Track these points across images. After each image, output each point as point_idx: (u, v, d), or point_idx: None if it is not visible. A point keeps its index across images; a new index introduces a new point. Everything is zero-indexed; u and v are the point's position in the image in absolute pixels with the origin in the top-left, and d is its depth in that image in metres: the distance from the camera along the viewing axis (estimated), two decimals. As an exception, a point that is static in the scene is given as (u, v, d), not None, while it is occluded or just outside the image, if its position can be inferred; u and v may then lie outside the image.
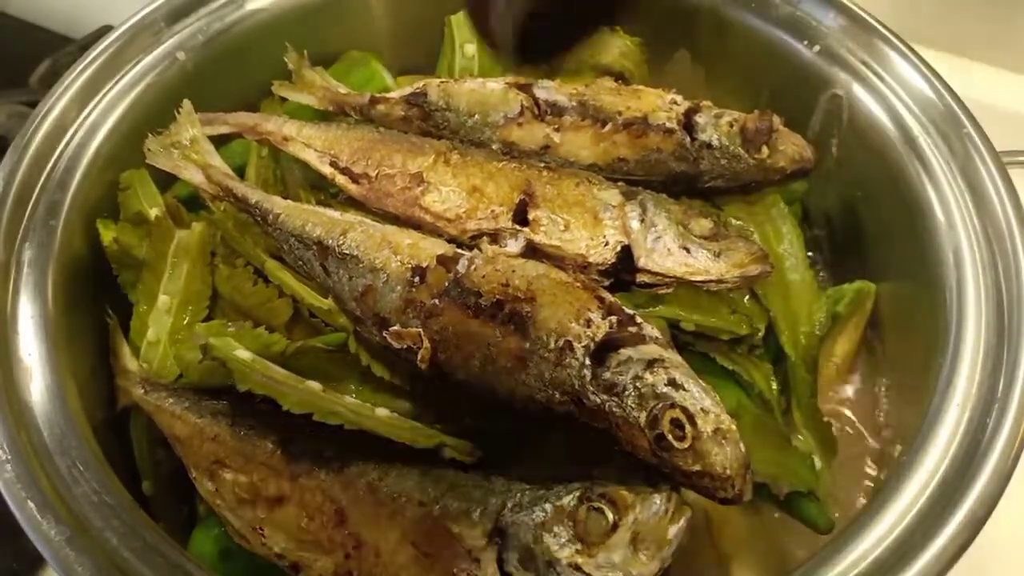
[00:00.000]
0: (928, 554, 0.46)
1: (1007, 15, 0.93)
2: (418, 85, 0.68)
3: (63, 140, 0.62)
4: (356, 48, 0.77)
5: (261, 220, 0.61)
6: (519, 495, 0.49)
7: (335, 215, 0.61)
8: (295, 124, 0.67)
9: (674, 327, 0.59)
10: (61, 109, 0.63)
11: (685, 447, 0.46)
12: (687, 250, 0.57)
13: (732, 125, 0.63)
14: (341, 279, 0.58)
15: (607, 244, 0.58)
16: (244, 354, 0.55)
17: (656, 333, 0.51)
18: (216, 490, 0.55)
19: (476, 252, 0.56)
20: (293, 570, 0.52)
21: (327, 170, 0.65)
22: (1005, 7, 0.93)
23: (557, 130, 0.64)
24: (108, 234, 0.63)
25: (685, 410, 0.46)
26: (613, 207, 0.59)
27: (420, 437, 0.53)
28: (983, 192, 0.58)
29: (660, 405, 0.46)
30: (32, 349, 0.54)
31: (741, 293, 0.62)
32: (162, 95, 0.67)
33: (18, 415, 0.51)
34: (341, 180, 0.65)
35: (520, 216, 0.59)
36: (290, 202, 0.62)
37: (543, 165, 0.63)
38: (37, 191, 0.60)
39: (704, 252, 0.57)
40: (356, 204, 0.65)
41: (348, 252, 0.57)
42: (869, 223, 0.68)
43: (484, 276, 0.53)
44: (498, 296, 0.52)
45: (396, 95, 0.68)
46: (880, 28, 0.66)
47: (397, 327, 0.54)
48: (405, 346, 0.53)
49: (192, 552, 0.56)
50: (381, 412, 0.54)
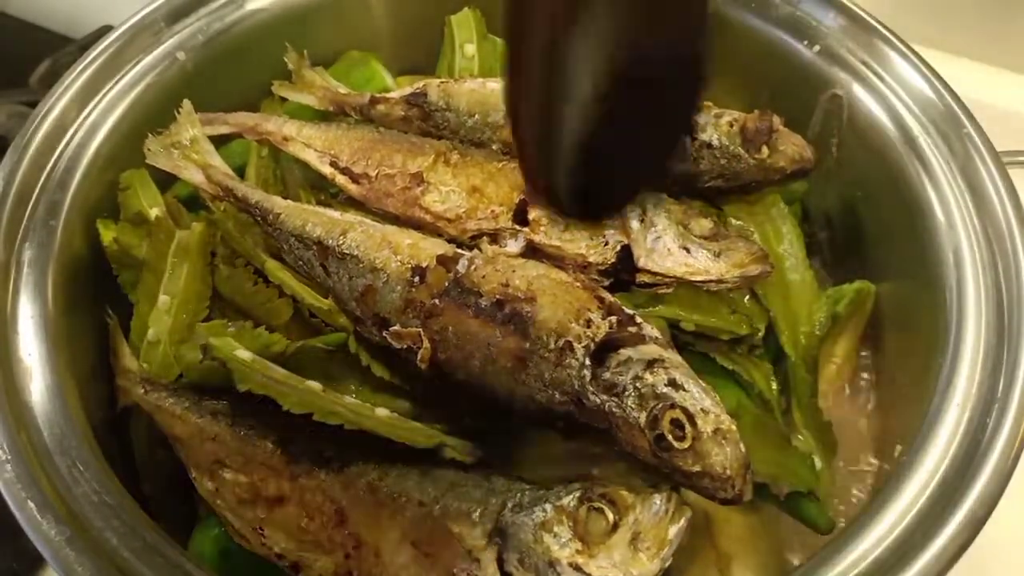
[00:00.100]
0: (928, 554, 0.46)
1: (1007, 15, 0.93)
2: (418, 85, 0.68)
3: (63, 140, 0.62)
4: (356, 48, 0.77)
5: (261, 220, 0.61)
6: (519, 495, 0.49)
7: (335, 215, 0.61)
8: (295, 124, 0.67)
9: (674, 327, 0.59)
10: (61, 109, 0.63)
11: (685, 447, 0.46)
12: (687, 250, 0.57)
13: (732, 125, 0.63)
14: (341, 279, 0.58)
15: (607, 244, 0.58)
16: (244, 354, 0.55)
17: (656, 333, 0.51)
18: (216, 490, 0.55)
19: (476, 252, 0.57)
20: (293, 570, 0.52)
21: (327, 170, 0.65)
22: (1005, 7, 0.93)
23: (557, 130, 0.64)
24: (108, 234, 0.63)
25: (685, 410, 0.46)
26: (613, 207, 0.59)
27: (420, 437, 0.53)
28: (983, 192, 0.58)
29: (660, 405, 0.47)
30: (32, 349, 0.54)
31: (741, 293, 0.62)
32: (162, 95, 0.67)
33: (18, 415, 0.51)
34: (341, 180, 0.65)
35: (520, 216, 0.59)
36: (290, 202, 0.62)
37: (543, 165, 0.63)
38: (37, 191, 0.60)
39: (704, 252, 0.57)
40: (356, 204, 0.65)
41: (348, 252, 0.57)
42: (869, 223, 0.68)
43: (484, 276, 0.53)
44: (498, 296, 0.52)
45: (396, 95, 0.68)
46: (880, 28, 0.66)
47: (397, 327, 0.54)
48: (405, 346, 0.53)
49: (192, 552, 0.56)
50: (381, 412, 0.54)
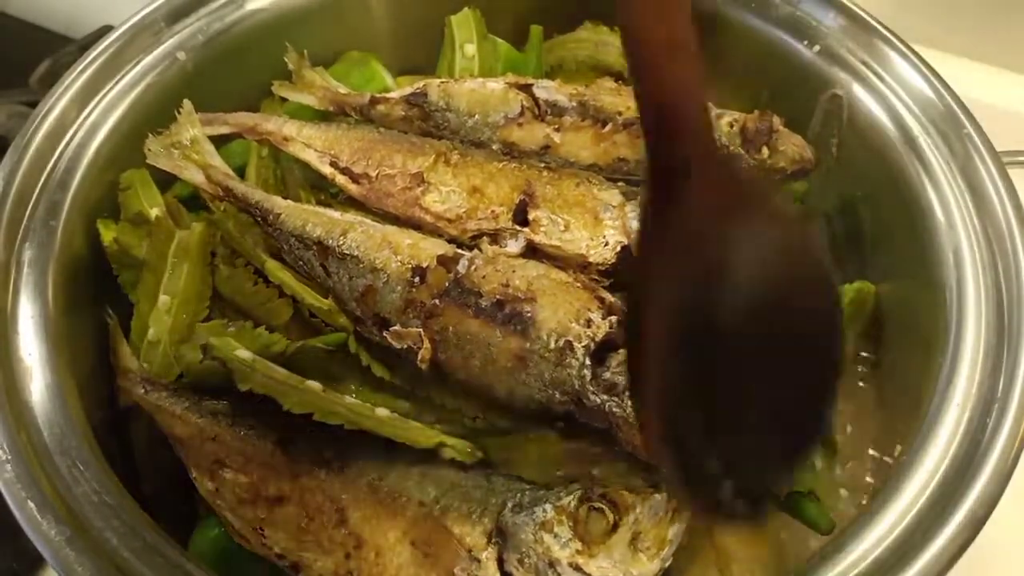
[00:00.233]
0: (928, 554, 0.46)
1: (1007, 15, 0.93)
2: (418, 85, 0.68)
3: (63, 140, 0.62)
4: (356, 48, 0.77)
5: (261, 220, 0.61)
6: (519, 495, 0.49)
7: (335, 215, 0.61)
8: (295, 124, 0.67)
9: (674, 327, 0.59)
10: (61, 109, 0.63)
11: None
12: (687, 250, 0.57)
13: (732, 125, 0.63)
14: (341, 279, 0.58)
15: (607, 244, 0.58)
16: (244, 354, 0.55)
17: (656, 333, 0.51)
18: (216, 490, 0.55)
19: (476, 252, 0.57)
20: (293, 570, 0.52)
21: (327, 170, 0.65)
22: (1005, 7, 0.93)
23: (557, 130, 0.64)
24: (108, 234, 0.62)
25: None
26: (613, 207, 0.59)
27: (420, 437, 0.53)
28: (983, 192, 0.58)
29: None
30: (32, 349, 0.54)
31: (741, 293, 0.62)
32: (162, 95, 0.67)
33: (18, 415, 0.51)
34: (341, 180, 0.65)
35: (520, 216, 0.59)
36: (290, 202, 0.62)
37: (543, 165, 0.63)
38: (37, 191, 0.60)
39: (704, 252, 0.57)
40: (356, 204, 0.65)
41: (348, 252, 0.57)
42: (869, 223, 0.68)
43: (484, 276, 0.53)
44: (498, 296, 0.52)
45: (396, 95, 0.68)
46: (880, 28, 0.66)
47: (397, 327, 0.54)
48: (405, 346, 0.53)
49: (192, 552, 0.56)
50: (381, 412, 0.54)
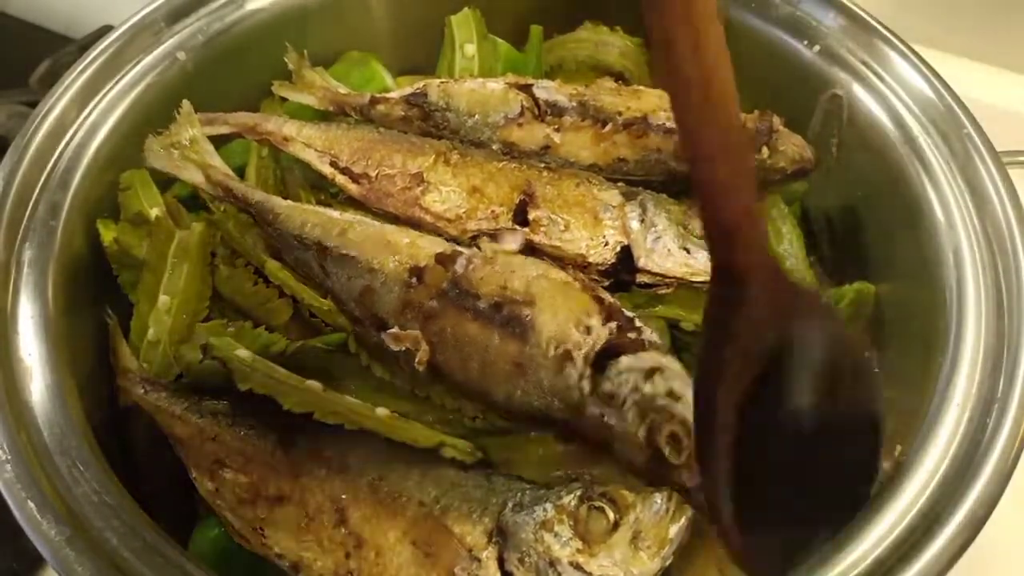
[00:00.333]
0: (928, 554, 0.46)
1: (1007, 15, 0.93)
2: (418, 85, 0.68)
3: (63, 140, 0.62)
4: (356, 48, 0.77)
5: (261, 220, 0.61)
6: (520, 495, 0.49)
7: (335, 215, 0.61)
8: (295, 124, 0.67)
9: (674, 327, 0.58)
10: (61, 109, 0.63)
11: (681, 463, 0.45)
12: (687, 250, 0.57)
13: (732, 125, 0.63)
14: (340, 279, 0.58)
15: (607, 244, 0.58)
16: (244, 354, 0.55)
17: (655, 337, 0.50)
18: (216, 490, 0.55)
19: (475, 251, 0.56)
20: (293, 570, 0.52)
21: (327, 170, 0.65)
22: (1005, 7, 0.93)
23: (557, 130, 0.64)
24: (108, 234, 0.62)
25: (684, 423, 0.45)
26: (613, 207, 0.59)
27: (420, 437, 0.53)
28: (983, 192, 0.58)
29: (658, 419, 0.46)
30: (32, 349, 0.54)
31: (741, 293, 0.62)
32: (162, 95, 0.67)
33: (18, 415, 0.51)
34: (341, 180, 0.65)
35: (520, 216, 0.59)
36: (290, 202, 0.62)
37: (543, 165, 0.63)
38: (37, 191, 0.60)
39: (704, 252, 0.57)
40: (356, 204, 0.65)
41: (346, 252, 0.57)
42: (869, 223, 0.68)
43: (482, 277, 0.53)
44: (496, 298, 0.52)
45: (396, 95, 0.68)
46: (880, 28, 0.66)
47: (395, 329, 0.54)
48: (403, 348, 0.53)
49: (192, 552, 0.56)
50: (381, 412, 0.54)
